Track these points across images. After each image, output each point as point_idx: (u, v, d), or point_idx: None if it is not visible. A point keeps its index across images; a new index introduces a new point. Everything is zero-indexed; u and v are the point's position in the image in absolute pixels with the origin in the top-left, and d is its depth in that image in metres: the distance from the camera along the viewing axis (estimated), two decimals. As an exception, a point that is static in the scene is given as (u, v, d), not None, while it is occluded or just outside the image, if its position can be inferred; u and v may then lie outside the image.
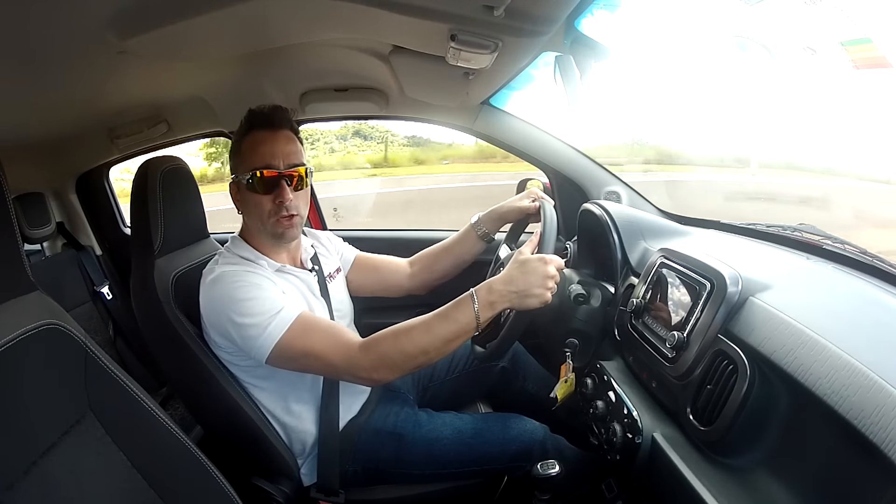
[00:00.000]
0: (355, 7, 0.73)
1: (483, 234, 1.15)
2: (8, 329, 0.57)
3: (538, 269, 0.83)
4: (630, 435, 0.79)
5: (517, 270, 0.84)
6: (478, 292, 0.84)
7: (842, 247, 0.86)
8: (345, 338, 0.87)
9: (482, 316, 0.83)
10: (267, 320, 0.85)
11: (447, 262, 1.18)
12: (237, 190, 0.95)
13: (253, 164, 0.91)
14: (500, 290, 0.83)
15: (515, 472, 1.02)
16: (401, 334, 0.85)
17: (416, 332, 0.84)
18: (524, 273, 0.83)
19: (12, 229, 0.59)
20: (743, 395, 0.62)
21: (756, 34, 0.92)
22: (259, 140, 0.92)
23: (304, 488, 1.00)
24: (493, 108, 1.46)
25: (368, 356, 0.84)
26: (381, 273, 1.20)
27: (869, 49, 0.79)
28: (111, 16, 0.74)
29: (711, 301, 0.72)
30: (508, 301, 0.84)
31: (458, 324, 0.83)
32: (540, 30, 0.77)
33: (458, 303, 0.84)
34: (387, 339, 0.85)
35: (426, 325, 0.84)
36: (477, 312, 0.82)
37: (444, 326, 0.83)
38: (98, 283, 1.78)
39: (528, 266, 0.84)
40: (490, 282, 0.85)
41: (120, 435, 0.66)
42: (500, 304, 0.84)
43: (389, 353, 0.84)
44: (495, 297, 0.83)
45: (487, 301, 0.83)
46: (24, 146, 1.35)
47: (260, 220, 0.94)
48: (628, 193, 1.46)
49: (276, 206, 0.92)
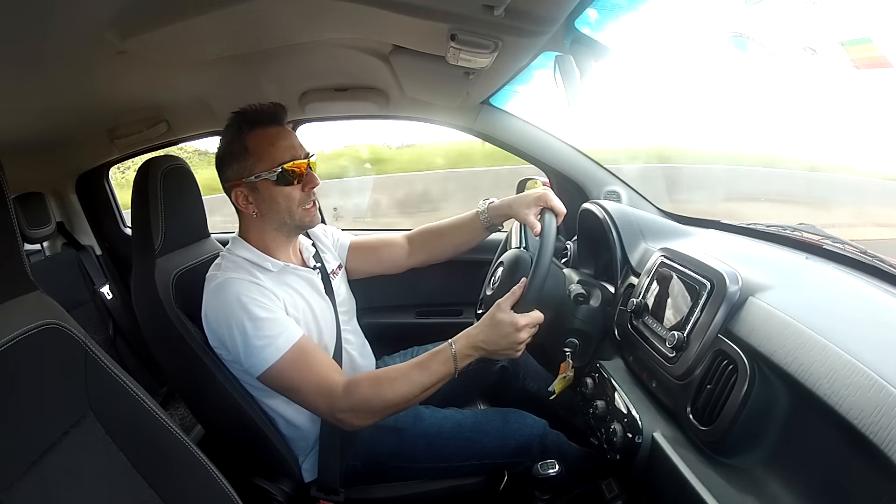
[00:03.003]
0: (355, 7, 0.73)
1: (488, 224, 1.12)
2: (8, 329, 0.57)
3: (510, 335, 0.87)
4: (630, 435, 0.79)
5: (492, 330, 0.88)
6: (456, 343, 0.89)
7: (842, 247, 0.86)
8: (330, 380, 0.88)
9: (460, 365, 0.88)
10: (265, 343, 0.86)
11: (448, 246, 1.18)
12: (251, 190, 0.93)
13: (277, 159, 0.92)
14: (474, 345, 0.89)
15: (515, 468, 1.03)
16: (383, 380, 0.88)
17: (398, 382, 0.87)
18: (497, 335, 0.88)
19: (12, 229, 0.59)
20: (743, 395, 0.62)
21: (756, 34, 0.92)
22: (273, 136, 0.93)
23: (305, 487, 1.00)
24: (493, 108, 1.46)
25: (350, 399, 0.87)
26: (378, 253, 1.20)
27: (869, 49, 0.79)
28: (111, 16, 0.74)
29: (711, 301, 0.72)
30: (482, 353, 0.89)
31: (437, 374, 0.88)
32: (540, 30, 0.77)
33: (437, 353, 0.88)
34: (368, 383, 0.88)
35: (406, 375, 0.88)
36: (456, 362, 0.87)
37: (424, 376, 0.87)
38: (98, 283, 1.78)
39: (501, 329, 0.88)
40: (467, 334, 0.90)
41: (120, 435, 0.66)
42: (476, 354, 0.89)
43: (369, 398, 0.87)
44: (470, 350, 0.88)
45: (464, 353, 0.88)
46: (24, 146, 1.35)
47: (289, 212, 0.95)
48: (628, 193, 1.46)
49: (305, 194, 0.95)
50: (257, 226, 0.97)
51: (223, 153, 0.95)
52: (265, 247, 0.97)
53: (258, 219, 0.96)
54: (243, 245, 0.96)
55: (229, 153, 0.94)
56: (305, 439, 1.00)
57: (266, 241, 0.98)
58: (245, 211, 0.96)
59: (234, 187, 0.94)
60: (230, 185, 0.95)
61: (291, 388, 0.89)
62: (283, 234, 0.99)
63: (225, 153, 0.95)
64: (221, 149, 0.96)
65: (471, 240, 1.16)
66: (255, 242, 0.97)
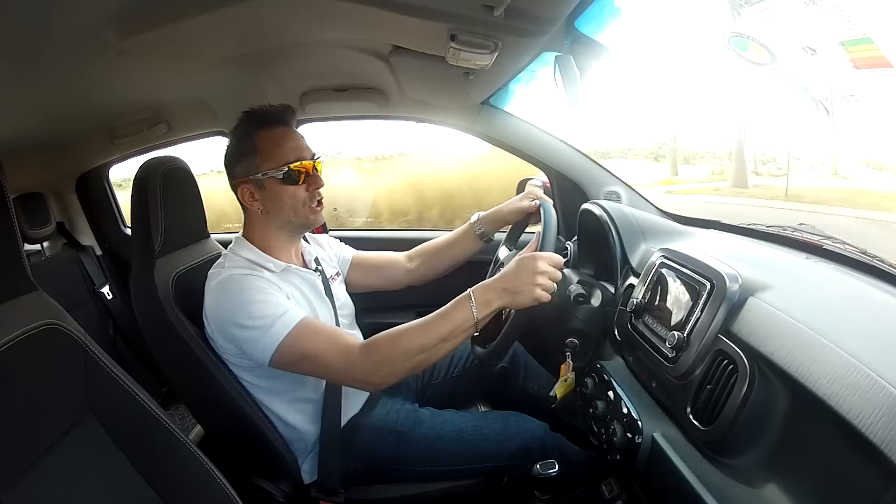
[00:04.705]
0: (355, 7, 0.73)
1: (481, 233, 1.16)
2: (8, 329, 0.57)
3: (527, 265, 0.84)
4: (630, 435, 0.79)
5: (509, 272, 0.86)
6: (474, 292, 0.85)
7: (842, 247, 0.86)
8: (345, 341, 0.88)
9: (479, 314, 0.84)
10: (271, 322, 0.85)
11: (444, 260, 1.20)
12: (257, 188, 0.96)
13: (283, 158, 0.94)
14: (494, 288, 0.85)
15: (515, 471, 1.02)
16: (400, 334, 0.85)
17: (414, 331, 0.85)
18: (515, 271, 0.85)
19: (12, 229, 0.59)
20: (743, 395, 0.62)
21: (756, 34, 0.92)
22: (281, 136, 0.95)
23: (305, 487, 1.00)
24: (493, 108, 1.46)
25: (369, 358, 0.85)
26: (380, 270, 1.22)
27: (869, 49, 0.79)
28: (111, 16, 0.74)
29: (711, 301, 0.72)
30: (502, 299, 0.85)
31: (455, 322, 0.84)
32: (540, 30, 0.77)
33: (456, 302, 0.86)
34: (386, 339, 0.86)
35: (424, 324, 0.85)
36: (474, 311, 0.83)
37: (443, 325, 0.84)
38: (98, 283, 1.78)
39: (519, 263, 0.85)
40: (485, 281, 0.87)
41: (120, 435, 0.66)
42: (496, 301, 0.85)
43: (389, 352, 0.85)
44: (491, 294, 0.85)
45: (483, 300, 0.84)
46: (24, 146, 1.35)
47: (293, 211, 0.96)
48: (628, 193, 1.46)
49: (309, 194, 0.96)
50: (261, 224, 0.98)
51: (232, 151, 0.98)
52: (268, 246, 0.98)
53: (263, 216, 0.98)
54: (246, 245, 0.97)
55: (238, 151, 0.96)
56: (303, 441, 1.00)
57: (269, 240, 0.98)
58: (251, 208, 0.97)
59: (241, 184, 0.96)
60: (237, 182, 0.97)
61: (307, 356, 0.86)
62: (287, 234, 1.00)
63: (233, 151, 0.97)
64: (230, 147, 0.98)
65: (466, 251, 1.19)
66: (258, 242, 0.98)
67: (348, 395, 1.02)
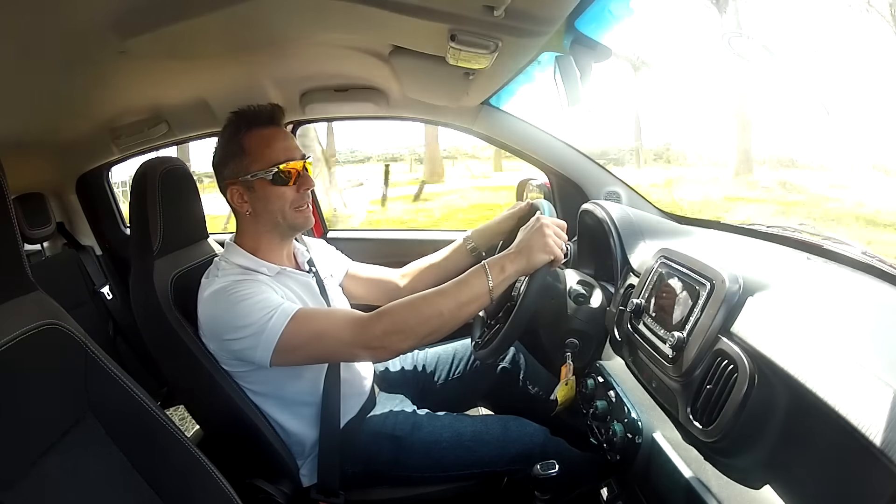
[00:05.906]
0: (355, 7, 0.73)
1: (472, 248, 1.15)
2: (8, 329, 0.57)
3: (535, 227, 0.88)
4: (630, 435, 0.78)
5: (518, 238, 0.89)
6: (487, 262, 0.87)
7: (842, 247, 0.86)
8: (350, 313, 0.88)
9: (494, 280, 0.85)
10: (266, 316, 0.84)
11: (436, 277, 1.18)
12: (246, 189, 0.94)
13: (273, 159, 0.93)
14: (506, 255, 0.87)
15: (516, 475, 1.01)
16: (417, 299, 0.86)
17: (430, 295, 0.86)
18: (524, 237, 0.88)
19: (12, 229, 0.59)
20: (743, 395, 0.62)
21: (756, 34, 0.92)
22: (269, 136, 0.94)
23: (304, 489, 0.99)
24: (493, 109, 1.46)
25: (381, 322, 0.85)
26: (374, 283, 1.22)
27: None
28: (111, 16, 0.74)
29: (711, 301, 0.72)
30: (516, 264, 0.86)
31: (471, 287, 0.85)
32: (540, 30, 0.77)
33: (472, 271, 0.87)
34: (402, 304, 0.86)
35: (442, 290, 0.86)
36: (489, 277, 0.85)
37: (459, 290, 0.85)
38: (98, 283, 1.78)
39: (526, 231, 0.89)
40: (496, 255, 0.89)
41: (120, 435, 0.66)
42: (510, 267, 0.86)
43: (403, 315, 0.85)
44: (504, 261, 0.86)
45: (498, 266, 0.86)
46: (24, 146, 1.35)
47: (281, 213, 0.95)
48: (628, 193, 1.46)
49: (299, 195, 0.95)
50: (252, 227, 0.98)
51: (221, 152, 0.96)
52: (260, 249, 0.97)
53: (252, 218, 0.97)
54: (238, 251, 0.96)
55: (227, 152, 0.95)
56: (302, 444, 0.99)
57: (260, 243, 0.97)
58: (240, 210, 0.96)
59: (230, 186, 0.95)
60: (227, 183, 0.95)
61: (313, 336, 0.86)
62: (277, 236, 0.99)
63: (222, 152, 0.96)
64: (219, 148, 0.97)
65: (458, 267, 1.16)
66: (249, 245, 0.97)
67: (346, 396, 1.02)
